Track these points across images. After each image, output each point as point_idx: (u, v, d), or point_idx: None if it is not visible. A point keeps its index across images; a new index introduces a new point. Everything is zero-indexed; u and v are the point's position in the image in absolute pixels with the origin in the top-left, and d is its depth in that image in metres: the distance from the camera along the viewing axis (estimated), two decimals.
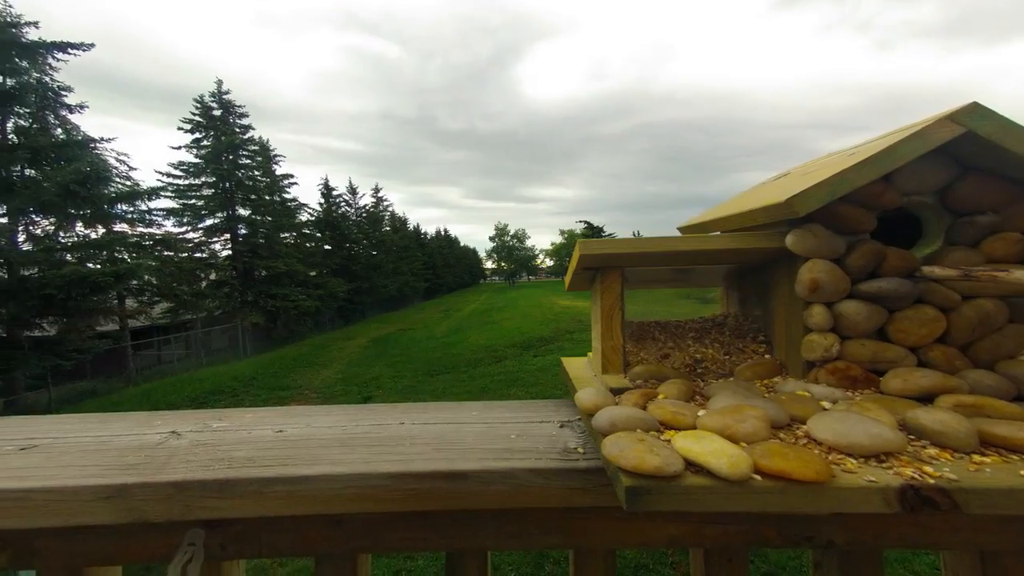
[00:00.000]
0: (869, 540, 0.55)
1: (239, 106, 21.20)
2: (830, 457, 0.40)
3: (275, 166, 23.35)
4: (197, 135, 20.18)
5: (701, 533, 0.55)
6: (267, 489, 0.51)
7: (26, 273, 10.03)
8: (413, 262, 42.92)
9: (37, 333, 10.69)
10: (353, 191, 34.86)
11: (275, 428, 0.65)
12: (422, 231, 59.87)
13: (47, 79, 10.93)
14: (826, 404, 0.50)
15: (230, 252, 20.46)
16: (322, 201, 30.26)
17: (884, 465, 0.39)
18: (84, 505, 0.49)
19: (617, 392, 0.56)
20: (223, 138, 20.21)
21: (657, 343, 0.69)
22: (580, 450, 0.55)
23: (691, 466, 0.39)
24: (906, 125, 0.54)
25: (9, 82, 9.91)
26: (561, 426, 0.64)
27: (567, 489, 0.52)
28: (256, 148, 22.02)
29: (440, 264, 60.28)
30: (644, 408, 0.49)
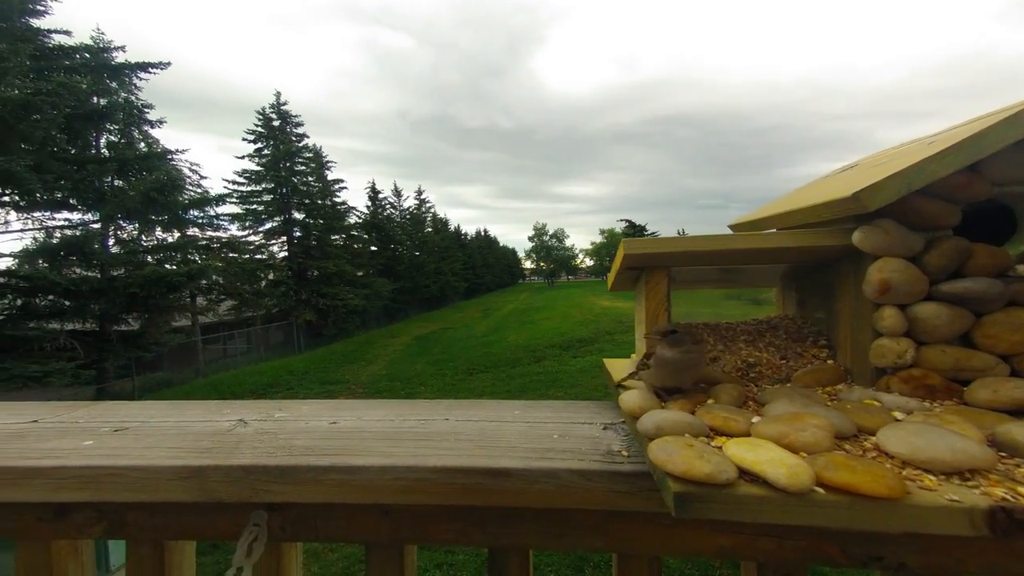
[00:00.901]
0: (949, 566, 0.50)
1: (295, 116, 22.60)
2: (904, 472, 0.37)
3: (326, 171, 24.64)
4: (259, 145, 21.72)
5: (754, 546, 0.52)
6: (323, 477, 0.54)
7: (114, 273, 11.23)
8: (453, 262, 43.80)
9: (123, 328, 11.93)
10: (398, 194, 36.12)
11: (329, 420, 0.69)
12: (462, 231, 60.92)
13: (132, 98, 12.18)
14: (899, 415, 0.46)
15: (286, 253, 21.84)
16: (369, 204, 31.58)
17: (969, 484, 0.36)
18: (166, 483, 0.54)
19: (663, 396, 0.54)
20: (281, 147, 21.62)
21: (705, 346, 0.66)
22: (624, 453, 0.54)
23: (745, 475, 0.37)
24: (996, 109, 0.49)
25: (101, 102, 11.13)
26: (604, 428, 0.63)
27: (611, 492, 0.51)
28: (310, 155, 23.37)
29: (480, 264, 61.10)
30: (692, 413, 0.47)
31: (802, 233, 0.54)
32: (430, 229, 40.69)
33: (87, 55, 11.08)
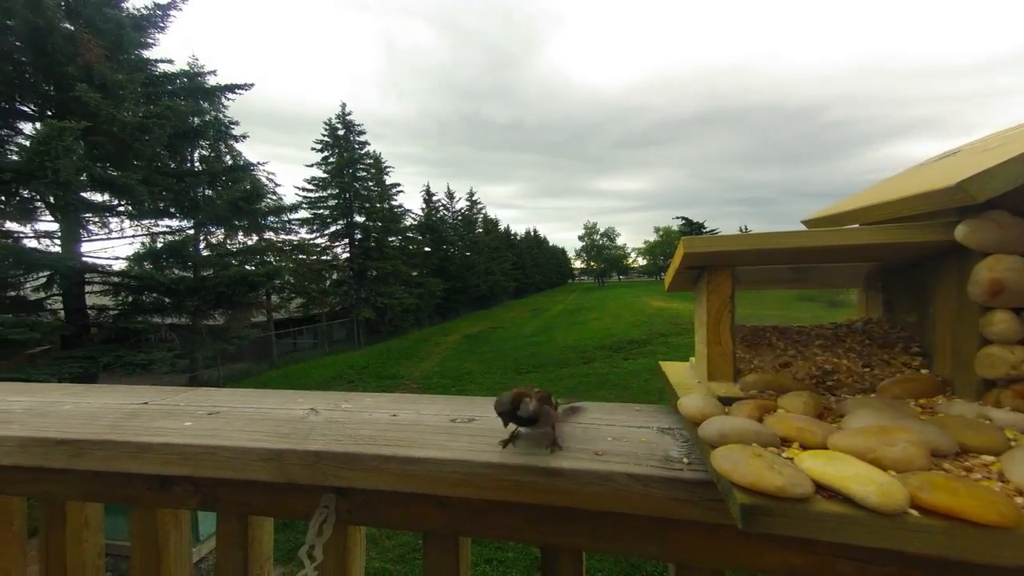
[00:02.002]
0: None
1: (358, 125, 24.04)
2: (1018, 499, 0.32)
3: (385, 176, 25.91)
4: (325, 153, 23.34)
5: (833, 568, 0.48)
6: (385, 466, 0.57)
7: (205, 274, 12.58)
8: (503, 262, 44.27)
9: (211, 322, 13.32)
10: (450, 196, 37.14)
11: (390, 412, 0.73)
12: (512, 232, 61.36)
13: (221, 115, 13.59)
14: (1011, 433, 0.40)
15: (348, 255, 23.25)
16: (424, 207, 32.77)
17: None
18: (251, 464, 0.60)
19: (726, 401, 0.51)
20: (344, 154, 23.08)
21: (774, 350, 0.62)
22: (685, 460, 0.51)
23: (822, 490, 0.35)
24: None
25: (196, 121, 12.52)
26: (661, 432, 0.61)
27: (669, 499, 0.50)
28: (371, 161, 24.72)
29: (529, 264, 61.20)
30: (760, 421, 0.45)
31: (893, 228, 0.49)
32: (481, 230, 41.43)
33: (185, 79, 12.51)
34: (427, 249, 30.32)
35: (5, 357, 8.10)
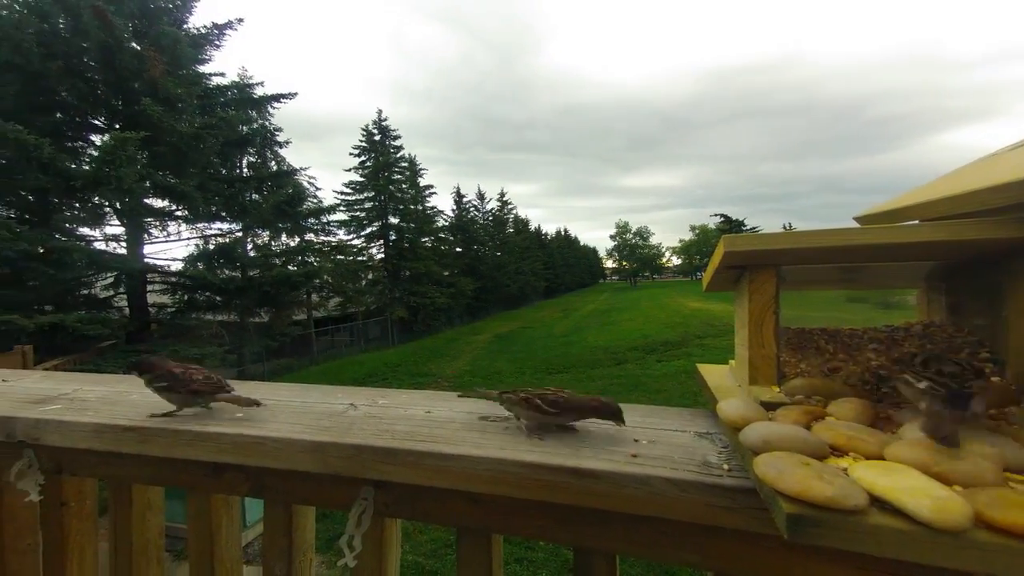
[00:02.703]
0: None
1: (393, 129, 24.74)
2: None
3: (419, 178, 26.51)
4: (363, 158, 24.17)
5: None
6: (421, 461, 0.59)
7: (251, 274, 13.32)
8: (533, 262, 44.21)
9: (256, 320, 14.08)
10: (481, 197, 37.49)
11: (424, 409, 0.74)
12: (543, 231, 61.17)
13: (267, 124, 14.36)
14: None
15: (383, 255, 23.95)
16: (455, 208, 33.26)
17: None
18: (296, 454, 0.63)
19: (770, 407, 0.49)
20: (380, 158, 23.81)
21: (823, 354, 0.58)
22: (725, 466, 0.50)
23: (876, 502, 0.33)
24: None
25: (245, 129, 13.28)
26: (698, 437, 0.59)
27: (708, 506, 0.48)
28: (406, 164, 25.38)
29: (559, 264, 60.82)
30: (807, 428, 0.42)
31: (961, 224, 0.45)
32: (511, 230, 41.56)
33: (236, 91, 13.30)
34: (458, 249, 30.76)
35: (79, 350, 8.90)
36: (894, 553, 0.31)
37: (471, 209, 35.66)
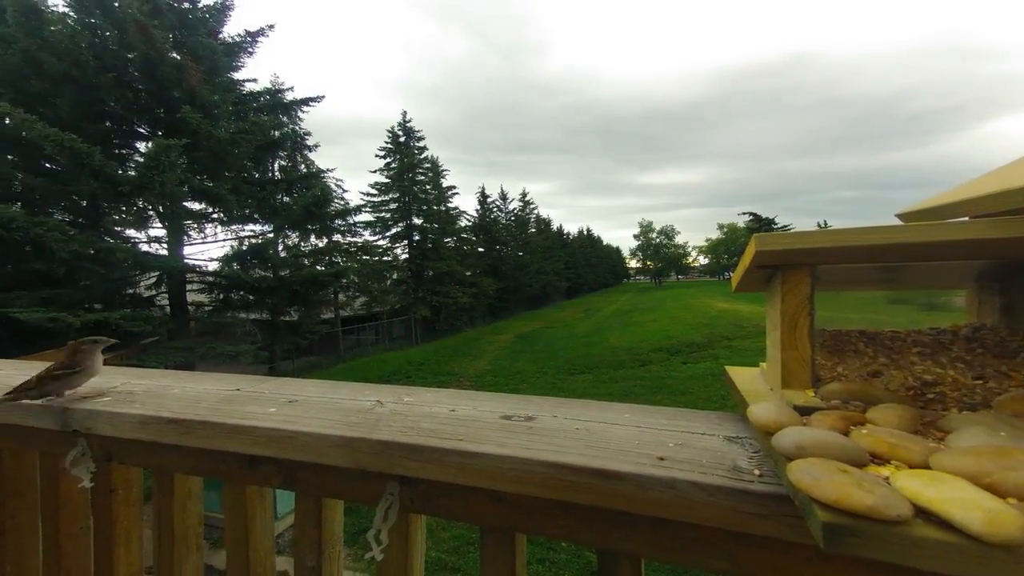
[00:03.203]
0: None
1: (417, 131, 25.14)
2: None
3: (441, 179, 26.83)
4: (388, 159, 24.67)
5: None
6: (445, 458, 0.60)
7: (282, 274, 13.80)
8: (555, 262, 44.03)
9: (286, 318, 14.58)
10: (503, 197, 37.63)
11: (449, 407, 0.75)
12: (565, 231, 60.79)
13: (297, 128, 14.85)
14: None
15: (407, 255, 24.37)
16: (478, 208, 33.50)
17: None
18: (326, 449, 0.65)
19: (804, 411, 0.48)
20: (404, 160, 24.23)
21: (862, 357, 0.56)
22: (756, 472, 0.48)
23: (921, 513, 0.31)
24: None
25: (276, 134, 13.78)
26: (727, 441, 0.58)
27: (738, 512, 0.47)
28: (429, 165, 25.74)
29: (582, 263, 60.31)
30: (845, 434, 0.41)
31: (1015, 221, 0.42)
32: (533, 230, 41.51)
33: (268, 96, 13.82)
34: (480, 249, 30.96)
35: (124, 346, 9.43)
36: (940, 567, 0.29)
37: (494, 209, 35.84)
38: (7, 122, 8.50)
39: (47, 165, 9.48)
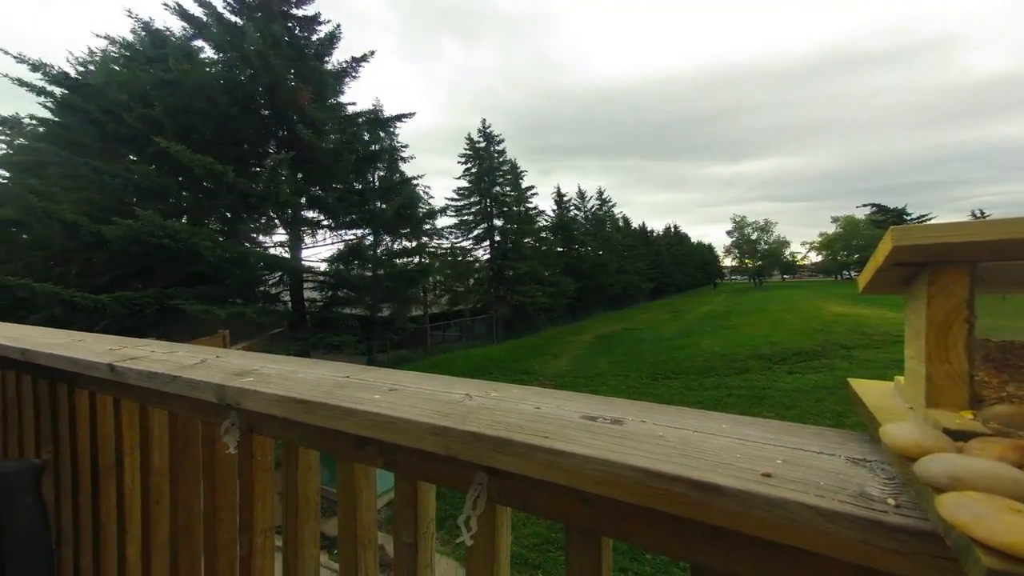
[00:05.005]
0: None
1: (497, 135, 25.94)
2: None
3: (520, 180, 27.30)
4: (468, 165, 25.83)
5: None
6: (532, 454, 0.61)
7: (378, 273, 15.19)
8: (637, 261, 42.16)
9: (381, 314, 16.00)
10: (582, 196, 37.07)
11: (534, 405, 0.77)
12: (648, 228, 57.88)
13: (392, 141, 16.34)
14: None
15: (488, 256, 25.22)
16: (555, 208, 33.45)
17: None
18: (422, 436, 0.71)
19: (958, 436, 0.40)
20: (484, 164, 25.16)
21: None
22: (890, 501, 0.42)
23: None
24: None
25: (375, 147, 15.24)
26: (851, 463, 0.51)
27: (865, 544, 0.41)
28: (508, 167, 26.39)
29: (668, 262, 56.87)
30: (1021, 467, 0.33)
31: None
32: (609, 228, 40.23)
33: (368, 114, 15.36)
34: (559, 249, 30.84)
35: (255, 336, 11.14)
36: None
37: (571, 208, 35.49)
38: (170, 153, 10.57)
39: (204, 184, 11.58)
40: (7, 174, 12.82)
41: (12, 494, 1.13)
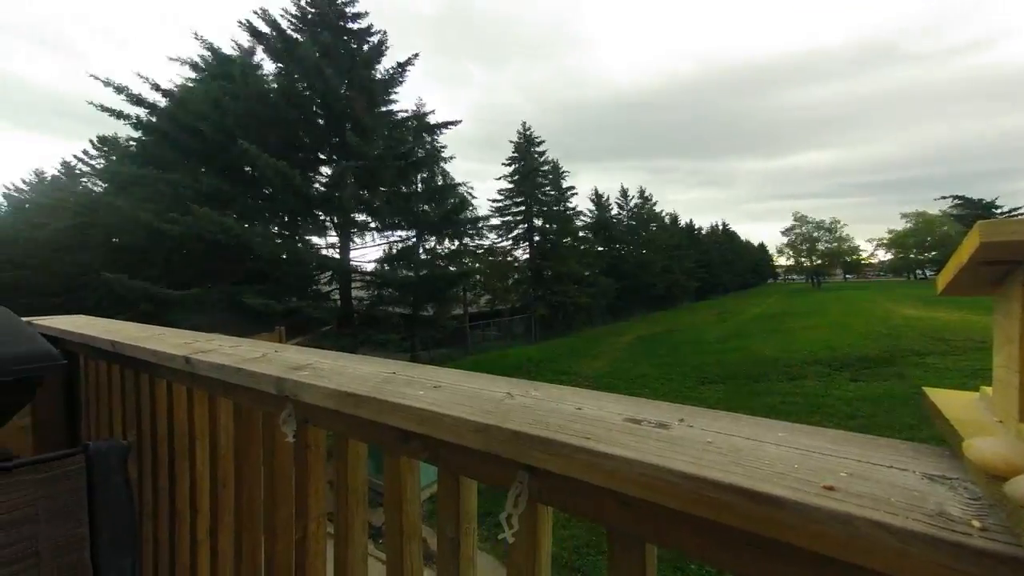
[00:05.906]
0: None
1: (537, 137, 25.99)
2: None
3: (561, 180, 27.15)
4: (513, 167, 26.04)
5: None
6: (574, 455, 0.60)
7: (422, 273, 15.66)
8: (683, 260, 40.57)
9: (424, 313, 16.48)
10: (624, 194, 36.24)
11: (575, 405, 0.76)
12: (695, 226, 55.54)
13: (436, 146, 16.79)
14: None
15: (527, 256, 25.27)
16: (593, 208, 32.95)
17: None
18: (465, 433, 0.72)
19: None
20: (524, 164, 25.27)
21: None
22: (975, 523, 0.38)
23: None
24: None
25: (420, 152, 15.74)
26: (927, 480, 0.46)
27: (943, 568, 0.37)
28: (548, 168, 26.36)
29: (717, 262, 54.29)
30: None
31: None
32: (654, 226, 38.96)
33: (415, 120, 15.87)
34: (599, 248, 30.33)
35: (308, 331, 11.83)
36: None
37: (613, 206, 34.80)
38: (248, 156, 11.42)
39: (264, 190, 12.44)
40: (105, 185, 14.48)
41: (107, 472, 1.27)
